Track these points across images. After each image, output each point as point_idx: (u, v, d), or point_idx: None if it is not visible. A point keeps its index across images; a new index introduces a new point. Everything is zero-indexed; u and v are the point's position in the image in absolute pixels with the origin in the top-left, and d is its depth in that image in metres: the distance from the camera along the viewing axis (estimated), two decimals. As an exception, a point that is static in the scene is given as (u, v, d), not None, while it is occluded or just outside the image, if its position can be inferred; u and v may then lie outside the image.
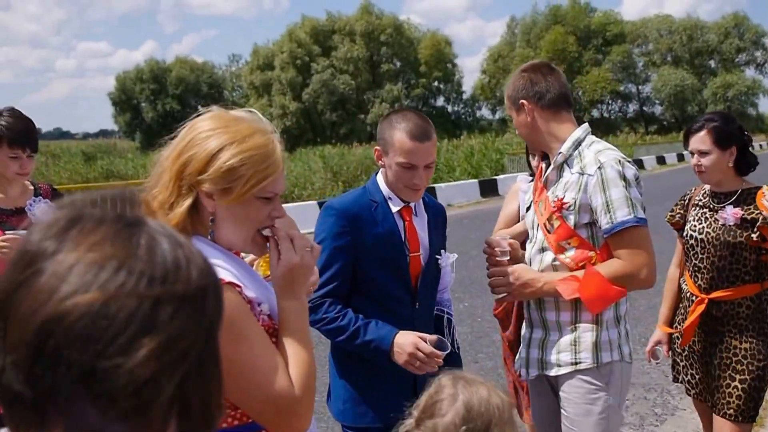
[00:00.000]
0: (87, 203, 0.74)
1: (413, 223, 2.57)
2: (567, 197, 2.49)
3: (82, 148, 51.12)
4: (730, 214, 3.04)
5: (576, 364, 2.52)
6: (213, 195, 1.53)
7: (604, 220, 2.42)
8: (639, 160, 32.27)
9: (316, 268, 1.74)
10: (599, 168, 2.42)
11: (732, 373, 3.07)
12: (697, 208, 3.23)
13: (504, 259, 2.59)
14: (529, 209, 2.78)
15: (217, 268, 1.07)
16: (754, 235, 2.99)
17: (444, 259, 2.64)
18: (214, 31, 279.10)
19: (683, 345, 3.25)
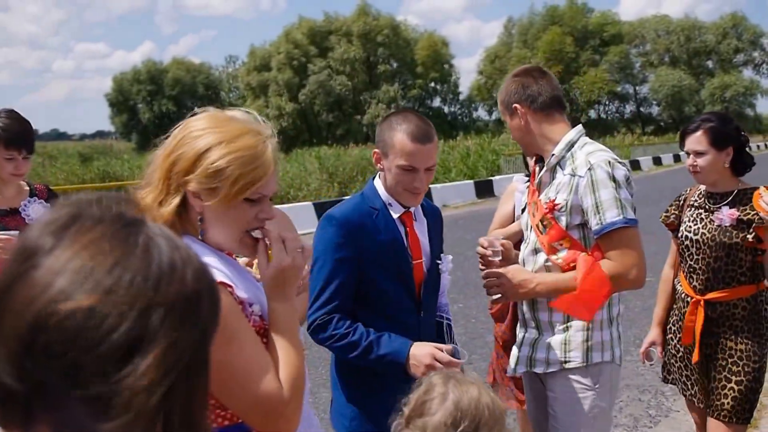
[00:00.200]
0: (88, 203, 0.74)
1: (414, 229, 2.49)
2: (559, 199, 2.50)
3: (78, 149, 51.22)
4: (726, 215, 3.03)
5: (565, 362, 2.53)
6: (200, 195, 1.51)
7: (594, 221, 2.43)
8: (636, 161, 32.35)
9: (306, 268, 1.73)
10: (589, 169, 2.43)
11: (728, 375, 3.06)
12: (693, 209, 3.21)
13: (496, 259, 2.59)
14: (524, 210, 2.79)
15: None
16: (749, 236, 2.98)
17: (444, 263, 2.56)
18: (212, 32, 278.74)
19: (684, 343, 3.22)
